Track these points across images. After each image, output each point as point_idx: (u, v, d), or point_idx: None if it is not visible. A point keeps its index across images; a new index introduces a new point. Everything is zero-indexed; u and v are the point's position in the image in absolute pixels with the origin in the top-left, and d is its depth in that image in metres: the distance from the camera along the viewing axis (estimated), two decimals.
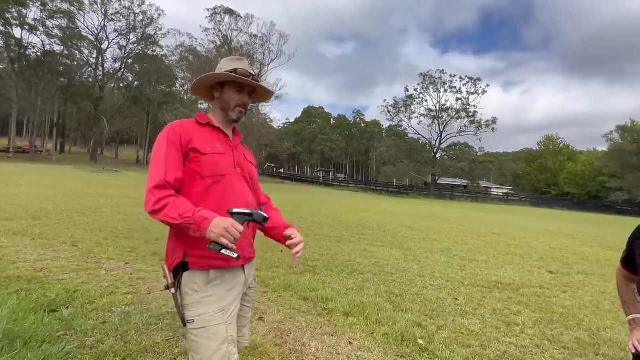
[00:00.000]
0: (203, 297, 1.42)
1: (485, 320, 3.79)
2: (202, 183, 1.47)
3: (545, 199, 49.87)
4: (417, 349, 2.96)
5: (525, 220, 19.92)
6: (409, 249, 7.56)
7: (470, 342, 3.22)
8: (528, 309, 4.29)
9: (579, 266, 7.16)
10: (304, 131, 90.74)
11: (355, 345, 2.91)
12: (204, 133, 1.55)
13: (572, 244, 10.50)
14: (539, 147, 68.00)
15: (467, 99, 49.72)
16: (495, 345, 3.20)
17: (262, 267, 5.02)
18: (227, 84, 1.60)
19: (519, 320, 3.89)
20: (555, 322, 3.93)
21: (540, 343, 3.36)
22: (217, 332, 1.40)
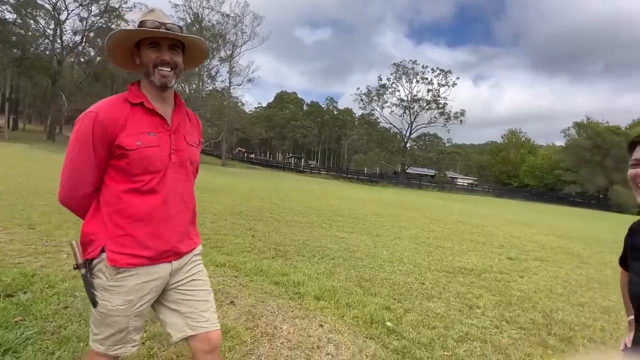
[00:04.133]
0: (110, 285, 1.36)
1: (449, 304, 3.97)
2: (131, 181, 1.36)
3: (506, 190, 52.30)
4: (385, 331, 3.06)
5: (488, 210, 20.85)
6: (378, 235, 7.73)
7: (435, 323, 3.37)
8: (489, 292, 4.53)
9: (535, 253, 7.61)
10: (277, 116, 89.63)
11: (326, 327, 2.97)
12: (135, 118, 1.37)
13: (530, 233, 11.12)
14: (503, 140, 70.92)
15: (437, 91, 50.74)
16: (458, 327, 3.36)
17: (233, 252, 4.97)
18: (142, 45, 1.39)
19: (480, 303, 4.10)
20: (513, 305, 4.17)
21: (499, 324, 3.57)
22: (117, 322, 1.37)
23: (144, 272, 1.38)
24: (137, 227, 1.37)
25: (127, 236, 1.36)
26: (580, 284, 5.46)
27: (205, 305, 1.51)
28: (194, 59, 1.56)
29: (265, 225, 7.31)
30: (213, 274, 3.94)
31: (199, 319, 1.47)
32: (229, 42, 45.12)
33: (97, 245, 1.36)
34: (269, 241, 5.91)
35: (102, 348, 1.41)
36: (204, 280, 1.56)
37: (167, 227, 1.41)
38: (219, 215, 7.87)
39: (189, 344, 1.49)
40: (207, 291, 1.55)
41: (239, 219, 7.72)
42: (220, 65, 44.95)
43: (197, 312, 1.47)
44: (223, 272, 4.06)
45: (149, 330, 2.52)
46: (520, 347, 3.11)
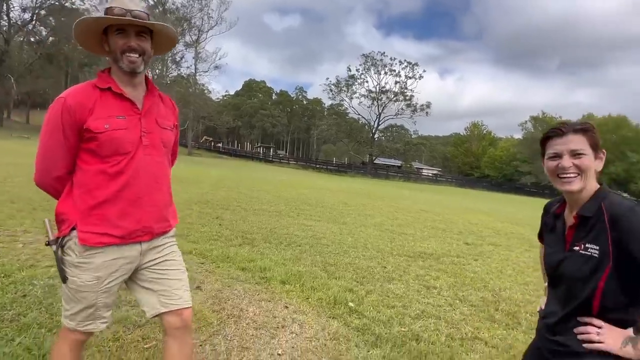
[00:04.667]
0: (79, 262, 1.41)
1: (408, 285, 4.21)
2: (101, 162, 1.40)
3: (468, 180, 54.63)
4: (347, 311, 3.23)
5: (450, 199, 21.76)
6: (344, 223, 7.94)
7: (394, 303, 3.58)
8: (445, 274, 4.83)
9: (490, 238, 8.12)
10: (245, 105, 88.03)
11: (291, 309, 3.09)
12: (104, 102, 1.40)
13: (487, 220, 11.78)
14: (466, 132, 73.67)
15: (405, 83, 51.71)
16: (415, 305, 3.60)
17: (200, 240, 4.98)
18: (109, 31, 1.41)
19: (437, 284, 4.38)
20: (466, 285, 4.49)
21: (453, 302, 3.85)
22: (86, 297, 1.42)
23: (113, 251, 1.44)
24: (106, 207, 1.41)
25: (97, 216, 1.41)
26: (527, 265, 5.92)
27: (178, 283, 1.58)
28: (162, 45, 1.59)
29: (232, 214, 7.30)
30: None
31: (172, 296, 1.54)
32: (195, 26, 43.66)
33: (68, 224, 1.41)
34: (236, 229, 5.94)
35: (72, 324, 1.46)
36: (178, 261, 1.63)
37: (138, 207, 1.46)
38: (185, 204, 7.77)
39: (162, 320, 1.56)
40: (180, 270, 1.62)
41: (205, 208, 7.66)
42: (185, 50, 43.46)
43: (171, 290, 1.55)
44: (189, 260, 4.07)
45: (112, 315, 2.53)
46: (470, 322, 3.39)
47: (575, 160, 1.15)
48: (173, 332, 1.54)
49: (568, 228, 1.21)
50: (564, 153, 1.16)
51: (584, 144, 1.15)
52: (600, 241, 1.09)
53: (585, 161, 1.15)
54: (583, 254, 1.12)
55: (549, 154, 1.22)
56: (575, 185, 1.15)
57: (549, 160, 1.22)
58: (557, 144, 1.19)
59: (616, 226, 1.07)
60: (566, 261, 1.17)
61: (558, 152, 1.18)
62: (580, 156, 1.15)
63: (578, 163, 1.15)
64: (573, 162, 1.15)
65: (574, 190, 1.16)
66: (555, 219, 1.28)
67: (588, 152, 1.15)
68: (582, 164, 1.14)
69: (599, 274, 1.08)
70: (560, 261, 1.19)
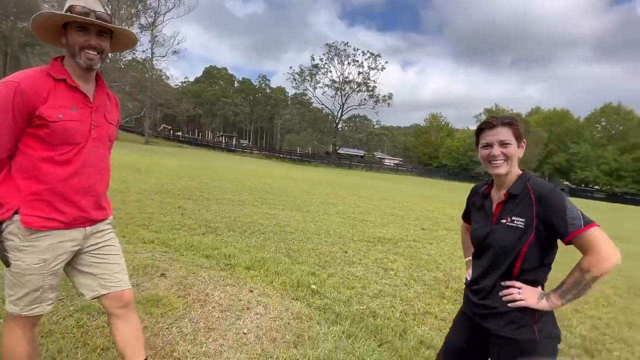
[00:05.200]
0: (24, 245, 1.43)
1: (368, 268, 4.46)
2: (48, 150, 1.42)
3: (427, 170, 56.72)
4: (310, 292, 3.40)
5: (410, 188, 22.61)
6: (308, 211, 8.11)
7: (354, 284, 3.81)
8: (402, 257, 5.15)
9: (445, 224, 8.63)
10: (206, 92, 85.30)
11: (255, 292, 3.21)
12: (58, 93, 1.43)
13: (443, 207, 12.45)
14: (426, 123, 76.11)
15: (367, 74, 52.39)
16: (373, 286, 3.85)
17: (162, 230, 4.93)
18: (70, 26, 1.44)
19: (394, 266, 4.67)
20: (421, 267, 4.82)
21: (408, 282, 4.14)
22: (31, 280, 1.46)
23: (58, 234, 1.48)
24: (52, 194, 1.45)
25: (43, 201, 1.44)
26: None
27: (118, 267, 1.67)
28: (120, 45, 1.65)
29: (194, 204, 7.23)
30: (141, 249, 3.93)
31: (112, 279, 1.63)
32: (150, 8, 41.34)
33: (8, 208, 1.42)
34: (199, 218, 5.93)
35: (16, 309, 1.48)
36: (116, 246, 1.71)
37: (83, 196, 1.52)
38: (144, 194, 7.57)
39: (102, 302, 1.64)
40: (119, 255, 1.70)
41: (166, 197, 7.52)
42: (141, 33, 41.00)
43: (111, 273, 1.63)
44: (152, 248, 4.06)
45: (75, 304, 2.53)
46: (422, 299, 3.68)
47: (503, 149, 1.38)
48: (117, 312, 1.63)
49: (496, 205, 1.42)
50: (494, 143, 1.38)
51: (510, 135, 1.38)
52: (525, 215, 1.31)
53: (510, 150, 1.38)
54: (510, 225, 1.34)
55: (482, 144, 1.43)
56: (503, 169, 1.38)
57: (482, 149, 1.43)
58: (488, 135, 1.40)
59: (542, 202, 1.29)
60: (493, 233, 1.39)
61: (489, 142, 1.40)
62: (507, 145, 1.38)
63: (505, 151, 1.37)
64: (501, 150, 1.38)
65: (502, 173, 1.39)
66: (483, 199, 1.50)
67: (513, 142, 1.38)
68: (508, 152, 1.38)
69: (522, 241, 1.31)
70: (488, 233, 1.40)
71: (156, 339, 2.26)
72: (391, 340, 2.72)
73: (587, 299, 4.33)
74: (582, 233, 1.23)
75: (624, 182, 48.19)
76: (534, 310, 1.31)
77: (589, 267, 1.23)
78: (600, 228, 1.26)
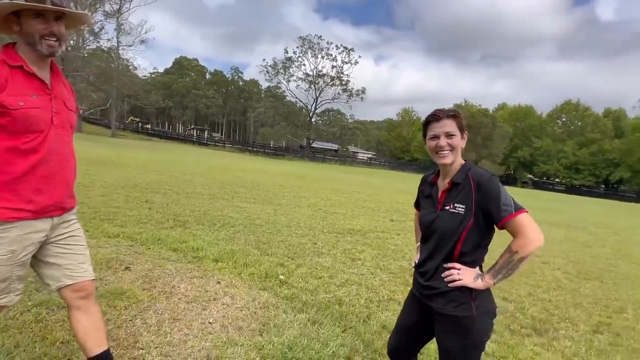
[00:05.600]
0: None
1: (336, 258, 4.57)
2: (10, 139, 1.40)
3: (399, 164, 57.83)
4: (278, 283, 3.46)
5: (381, 181, 23.03)
6: (279, 204, 8.13)
7: (322, 274, 3.90)
8: (370, 248, 5.29)
9: (413, 215, 8.87)
10: (176, 84, 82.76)
11: (223, 284, 3.23)
12: (15, 80, 1.40)
13: (412, 199, 12.66)
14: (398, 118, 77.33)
15: (341, 68, 52.57)
16: (341, 275, 3.95)
17: (128, 224, 4.83)
18: (24, 14, 1.40)
19: (362, 256, 4.80)
20: (387, 256, 4.98)
21: (374, 271, 4.28)
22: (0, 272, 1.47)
23: (27, 225, 1.47)
24: (20, 183, 1.44)
25: (10, 191, 1.42)
26: None
27: (83, 258, 1.67)
28: (75, 25, 1.63)
29: (163, 198, 7.10)
30: (105, 244, 3.84)
31: (78, 269, 1.63)
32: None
33: None
34: (167, 212, 5.83)
35: None
36: (81, 237, 1.71)
37: (51, 184, 1.51)
38: (110, 188, 7.35)
39: (63, 294, 1.63)
40: (84, 246, 1.70)
41: (133, 191, 7.33)
42: (105, 20, 39.22)
43: (76, 263, 1.63)
44: (117, 242, 3.98)
45: (34, 299, 2.47)
46: (387, 287, 3.83)
47: (448, 140, 1.48)
48: (78, 303, 1.63)
49: (441, 193, 1.53)
50: (441, 134, 1.48)
51: (455, 127, 1.49)
52: (466, 201, 1.43)
53: (455, 141, 1.48)
54: (452, 212, 1.45)
55: (430, 135, 1.53)
56: (449, 159, 1.48)
57: (429, 140, 1.53)
58: (435, 127, 1.50)
59: (480, 190, 1.41)
60: (438, 219, 1.49)
61: (436, 134, 1.49)
62: (452, 137, 1.48)
63: (450, 142, 1.48)
64: (447, 141, 1.48)
65: (448, 163, 1.49)
66: (431, 187, 1.61)
67: (457, 134, 1.49)
68: (453, 143, 1.48)
69: (462, 226, 1.42)
70: (434, 219, 1.51)
71: (119, 331, 2.25)
72: (355, 325, 2.83)
73: (540, 283, 4.63)
74: (513, 219, 1.36)
75: (581, 175, 51.01)
76: (471, 289, 1.43)
77: (517, 249, 1.36)
78: (529, 214, 1.39)
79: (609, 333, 3.38)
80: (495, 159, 47.72)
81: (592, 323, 3.56)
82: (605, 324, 3.57)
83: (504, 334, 3.05)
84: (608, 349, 3.04)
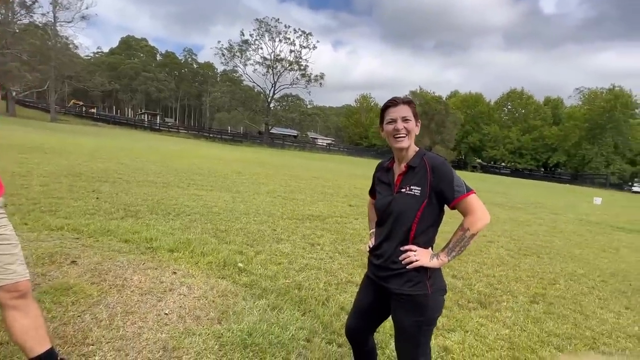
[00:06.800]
0: None
1: (295, 244, 4.60)
2: None
3: (358, 150, 58.75)
4: (236, 271, 3.43)
5: (340, 167, 23.33)
6: (238, 192, 8.00)
7: (281, 260, 3.92)
8: (329, 232, 5.38)
9: None
10: (123, 65, 77.50)
11: (179, 274, 3.15)
12: None
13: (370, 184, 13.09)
14: (356, 104, 78.15)
15: (299, 52, 51.86)
16: (300, 260, 4.00)
17: (73, 215, 4.53)
18: None
19: (321, 241, 4.88)
20: (346, 240, 5.10)
21: (333, 255, 4.37)
22: None
23: None
24: None
25: None
26: None
27: (10, 258, 1.53)
28: None
29: (112, 187, 6.72)
30: (47, 237, 3.59)
31: (5, 272, 1.51)
32: None
33: None
34: (118, 202, 5.54)
35: None
36: (8, 234, 1.55)
37: None
38: (51, 177, 6.82)
39: None
40: (12, 244, 1.55)
41: (78, 181, 6.86)
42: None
43: (1, 265, 1.50)
44: (61, 235, 3.73)
45: None
46: (345, 270, 3.93)
47: (405, 124, 1.54)
48: (13, 303, 1.53)
49: (397, 176, 1.59)
50: (398, 118, 1.54)
51: (410, 112, 1.56)
52: (421, 184, 1.50)
53: (411, 125, 1.56)
54: (408, 193, 1.52)
55: (387, 120, 1.58)
56: (405, 143, 1.55)
57: (387, 124, 1.58)
58: (393, 112, 1.56)
59: (435, 173, 1.49)
60: (394, 201, 1.55)
61: (394, 118, 1.55)
62: (408, 121, 1.55)
63: (406, 126, 1.55)
64: (404, 125, 1.53)
65: (405, 146, 1.56)
66: (387, 172, 1.66)
67: (412, 119, 1.56)
68: (408, 127, 1.55)
69: (417, 207, 1.50)
70: (390, 202, 1.57)
71: (66, 328, 2.13)
72: (314, 308, 2.89)
73: (486, 260, 4.98)
74: (464, 199, 1.46)
75: (524, 159, 54.86)
76: (426, 269, 1.51)
77: (468, 226, 1.47)
78: (477, 195, 1.49)
79: (544, 303, 3.72)
80: (448, 144, 49.86)
81: (530, 294, 3.90)
82: (540, 295, 3.93)
83: (453, 309, 3.26)
84: (543, 317, 3.36)
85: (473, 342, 2.71)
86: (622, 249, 6.99)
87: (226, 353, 2.14)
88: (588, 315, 3.53)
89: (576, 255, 6.00)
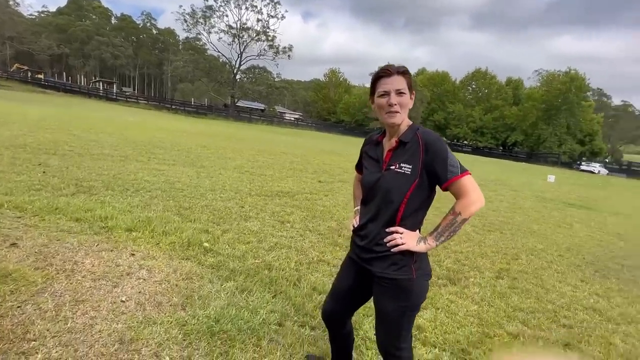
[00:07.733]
0: None
1: (264, 222, 4.43)
2: None
3: (326, 125, 58.43)
4: (202, 251, 3.23)
5: (309, 142, 23.06)
6: (202, 166, 7.63)
7: (250, 239, 3.75)
8: (299, 210, 5.24)
9: (340, 176, 9.06)
10: (73, 27, 71.10)
11: (138, 256, 2.91)
12: None
13: (339, 160, 13.04)
14: (325, 78, 77.02)
15: (267, 22, 49.81)
16: (270, 239, 3.84)
17: (15, 191, 4.08)
18: None
19: (291, 218, 4.73)
20: (316, 217, 4.99)
21: (304, 233, 4.25)
22: None
23: None
24: None
25: None
26: None
27: None
28: None
29: (61, 160, 6.15)
30: None
31: None
32: None
33: None
34: (68, 177, 5.07)
35: None
36: None
37: None
38: None
39: None
40: None
41: (21, 153, 6.23)
42: None
43: None
44: (0, 214, 3.33)
45: None
46: (317, 248, 3.83)
47: (399, 97, 1.38)
48: None
49: (387, 152, 1.44)
50: (391, 91, 1.37)
51: (404, 84, 1.39)
52: (413, 161, 1.36)
53: (405, 99, 1.39)
54: (397, 171, 1.38)
55: (380, 92, 1.40)
56: (399, 119, 1.40)
57: (379, 97, 1.41)
58: (386, 83, 1.38)
59: (428, 150, 1.35)
60: (382, 178, 1.41)
61: (387, 90, 1.38)
62: (402, 94, 1.38)
63: (400, 100, 1.38)
64: (398, 100, 1.37)
65: (397, 123, 1.40)
66: (376, 147, 1.51)
67: (407, 92, 1.40)
68: (402, 102, 1.39)
69: (407, 187, 1.36)
70: (378, 179, 1.43)
71: (2, 321, 1.87)
72: (285, 290, 2.77)
73: (453, 237, 5.06)
74: (458, 180, 1.33)
75: (485, 138, 56.91)
76: (412, 252, 1.40)
77: (460, 210, 1.35)
78: (472, 176, 1.37)
79: (508, 278, 3.83)
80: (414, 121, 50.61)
81: (495, 270, 4.00)
82: (505, 270, 4.05)
83: None
84: (508, 292, 3.45)
85: (444, 319, 2.72)
86: (575, 224, 7.42)
87: (191, 342, 1.98)
88: (548, 289, 3.67)
89: (535, 231, 6.27)
